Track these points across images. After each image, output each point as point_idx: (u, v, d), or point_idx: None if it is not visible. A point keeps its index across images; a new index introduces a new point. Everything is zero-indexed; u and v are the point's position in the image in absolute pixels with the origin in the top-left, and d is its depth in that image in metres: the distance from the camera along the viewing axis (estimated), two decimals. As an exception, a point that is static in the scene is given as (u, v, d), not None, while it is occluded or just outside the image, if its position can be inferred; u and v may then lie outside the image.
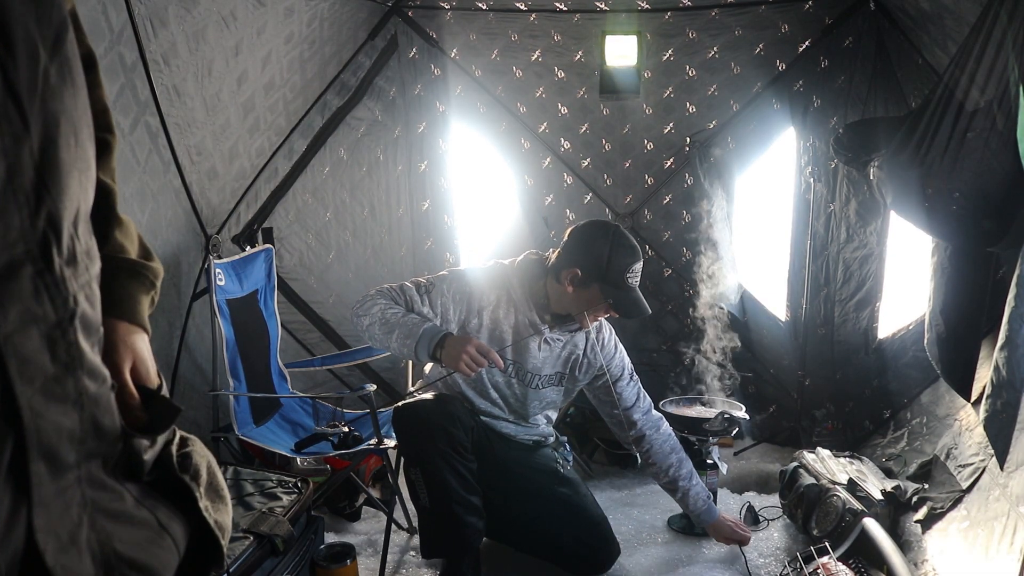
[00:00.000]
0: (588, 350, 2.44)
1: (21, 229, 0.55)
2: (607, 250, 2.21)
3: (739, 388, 3.69)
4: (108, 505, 0.66)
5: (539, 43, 3.65)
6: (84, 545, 0.62)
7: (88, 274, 0.64)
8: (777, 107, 3.56)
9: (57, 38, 0.59)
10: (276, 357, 3.16)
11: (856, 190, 3.35)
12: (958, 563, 2.14)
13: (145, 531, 0.70)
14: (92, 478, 0.64)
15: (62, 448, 0.60)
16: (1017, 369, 1.96)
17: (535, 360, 2.37)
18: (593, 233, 2.27)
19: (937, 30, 2.66)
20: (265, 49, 2.89)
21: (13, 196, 0.54)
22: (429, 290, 2.25)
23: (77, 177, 0.62)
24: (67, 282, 0.60)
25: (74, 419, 0.62)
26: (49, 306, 0.59)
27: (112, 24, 2.12)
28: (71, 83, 0.61)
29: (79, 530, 0.62)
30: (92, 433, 0.64)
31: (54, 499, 0.59)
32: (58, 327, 0.60)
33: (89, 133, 0.65)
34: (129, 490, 0.70)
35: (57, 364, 0.60)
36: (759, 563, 2.51)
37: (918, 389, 3.15)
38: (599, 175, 3.95)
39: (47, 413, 0.58)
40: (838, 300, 3.49)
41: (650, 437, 2.51)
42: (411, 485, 2.26)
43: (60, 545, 0.59)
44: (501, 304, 2.31)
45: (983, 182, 2.23)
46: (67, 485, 0.61)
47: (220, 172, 3.09)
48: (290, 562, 2.09)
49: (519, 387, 2.41)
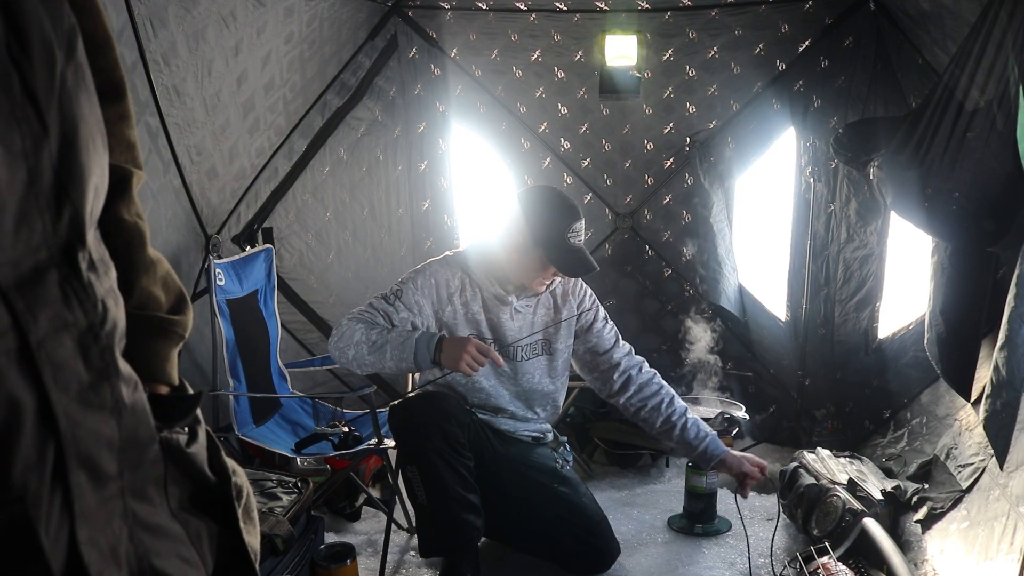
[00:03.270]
0: (559, 302, 2.46)
1: (44, 234, 0.54)
2: (543, 213, 2.23)
3: (739, 388, 3.69)
4: (147, 518, 0.65)
5: (539, 43, 3.65)
6: (123, 559, 0.61)
7: (109, 279, 0.63)
8: (777, 107, 3.56)
9: (70, 42, 0.58)
10: (276, 357, 3.16)
11: (856, 190, 3.35)
12: (958, 563, 2.14)
13: (176, 545, 0.69)
14: (135, 489, 0.63)
15: (102, 457, 0.59)
16: (1017, 369, 1.96)
17: (512, 332, 2.38)
18: (529, 199, 2.28)
19: (937, 30, 2.66)
20: (265, 49, 2.89)
21: (35, 200, 0.53)
22: (399, 294, 2.26)
23: (95, 183, 0.61)
24: (94, 287, 0.59)
25: (112, 427, 0.60)
26: (79, 311, 0.57)
27: (112, 24, 2.12)
28: (86, 88, 0.60)
29: (119, 543, 0.61)
30: (132, 442, 0.63)
31: (97, 511, 0.58)
32: (90, 332, 0.58)
33: (104, 142, 0.64)
34: (170, 498, 0.69)
35: (91, 371, 0.58)
36: (759, 563, 2.51)
37: (918, 389, 3.14)
38: (599, 175, 3.95)
39: (84, 421, 0.57)
40: (838, 300, 3.49)
41: (635, 378, 2.48)
42: (408, 484, 2.26)
43: (103, 559, 0.58)
44: (466, 287, 2.33)
45: (983, 182, 2.23)
46: (110, 496, 0.60)
47: (220, 172, 3.09)
48: (290, 562, 2.09)
49: (507, 364, 2.40)
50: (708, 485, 2.80)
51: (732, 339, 3.86)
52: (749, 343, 3.90)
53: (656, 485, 3.28)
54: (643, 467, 3.45)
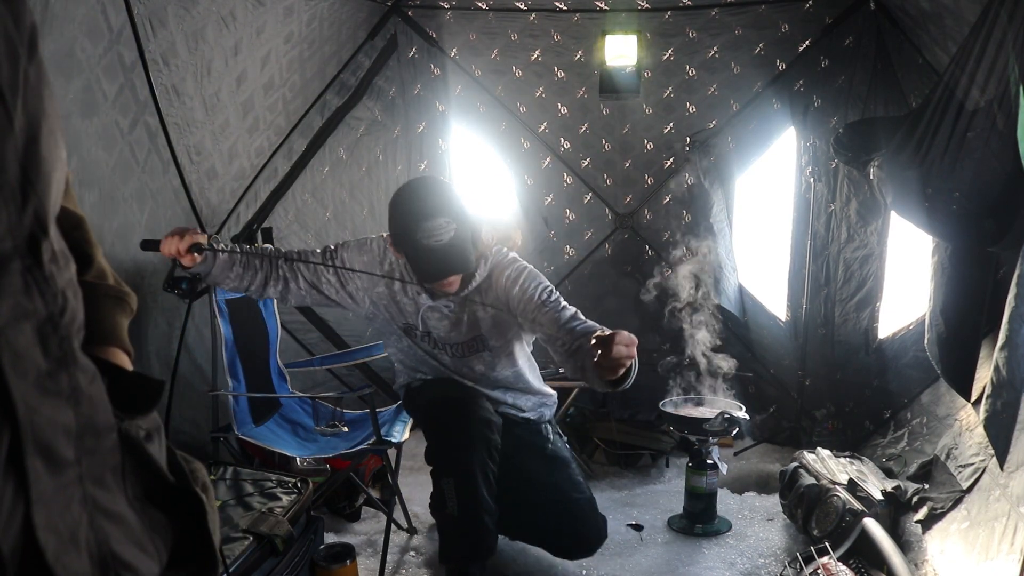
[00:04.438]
0: (483, 298, 2.21)
1: (9, 224, 0.56)
2: (395, 212, 2.07)
3: (739, 388, 3.69)
4: (107, 505, 0.67)
5: (539, 43, 3.65)
6: (83, 544, 0.62)
7: (69, 272, 0.66)
8: (777, 107, 3.56)
9: (32, 40, 0.60)
10: (276, 357, 3.16)
11: (856, 190, 3.35)
12: (958, 563, 2.14)
13: (134, 533, 0.71)
14: (93, 476, 0.65)
15: (59, 444, 0.60)
16: (1017, 369, 1.96)
17: (440, 331, 2.26)
18: (394, 196, 2.12)
19: (937, 30, 2.66)
20: (264, 49, 2.89)
21: (0, 191, 0.55)
22: (336, 250, 2.25)
23: (56, 177, 0.63)
24: (55, 278, 0.61)
25: (69, 415, 0.62)
26: (40, 301, 0.59)
27: (111, 24, 2.12)
28: (47, 85, 0.62)
29: (79, 528, 0.62)
30: (89, 429, 0.65)
31: (54, 496, 0.59)
32: (49, 322, 0.60)
33: (63, 137, 0.66)
34: (128, 487, 0.71)
35: (50, 359, 0.60)
36: (759, 563, 2.51)
37: (918, 389, 3.14)
38: (599, 175, 3.94)
39: (41, 408, 0.58)
40: (838, 300, 3.49)
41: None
42: (439, 494, 2.14)
43: (61, 543, 0.59)
44: (395, 273, 2.23)
45: (983, 182, 2.23)
46: (68, 482, 0.61)
47: (219, 172, 3.08)
48: (290, 562, 2.09)
49: (449, 360, 2.31)
50: (708, 485, 2.80)
51: (732, 339, 3.86)
52: (749, 343, 3.90)
53: (656, 485, 3.28)
54: (643, 467, 3.45)
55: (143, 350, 2.74)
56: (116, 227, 2.49)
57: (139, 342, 2.71)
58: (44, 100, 0.60)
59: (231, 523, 2.05)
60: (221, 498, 2.21)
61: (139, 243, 2.14)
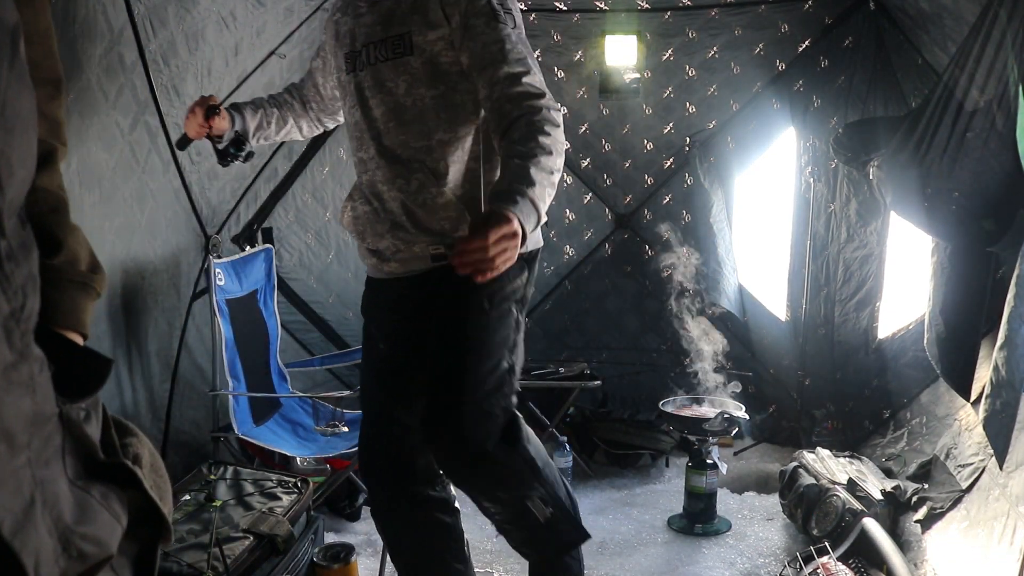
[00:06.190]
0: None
1: None
2: None
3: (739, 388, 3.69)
4: (53, 485, 0.70)
5: (539, 43, 3.65)
6: (39, 521, 0.66)
7: (28, 265, 0.68)
8: (777, 107, 3.56)
9: (13, 41, 0.61)
10: (276, 357, 3.16)
11: (856, 190, 3.35)
12: (958, 563, 2.14)
13: (84, 507, 0.74)
14: (40, 458, 0.69)
15: (18, 431, 0.64)
16: (1017, 369, 1.96)
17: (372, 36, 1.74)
18: None
19: (937, 30, 2.66)
20: (265, 49, 2.89)
21: None
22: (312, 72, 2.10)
23: (23, 175, 0.65)
24: (14, 275, 0.64)
25: (28, 403, 0.66)
26: (2, 298, 0.62)
27: (111, 24, 2.12)
28: (27, 86, 0.63)
29: (32, 508, 0.65)
30: (40, 415, 0.69)
31: (8, 479, 0.63)
32: (12, 318, 0.63)
33: (36, 136, 0.68)
34: (67, 467, 0.74)
35: (14, 352, 0.63)
36: (759, 563, 2.51)
37: (918, 389, 3.15)
38: (599, 175, 3.94)
39: (7, 398, 0.62)
40: (838, 300, 3.49)
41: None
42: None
43: (16, 522, 0.62)
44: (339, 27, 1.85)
45: (983, 182, 2.23)
46: (20, 465, 0.65)
47: (219, 172, 3.08)
48: (290, 562, 2.09)
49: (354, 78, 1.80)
50: (708, 485, 2.80)
51: (732, 339, 3.86)
52: (749, 343, 3.90)
53: (656, 485, 3.28)
54: (643, 467, 3.45)
55: (143, 350, 2.74)
56: (116, 227, 2.49)
57: (139, 342, 2.71)
58: (23, 101, 0.62)
59: (231, 523, 2.05)
60: (221, 498, 2.21)
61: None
